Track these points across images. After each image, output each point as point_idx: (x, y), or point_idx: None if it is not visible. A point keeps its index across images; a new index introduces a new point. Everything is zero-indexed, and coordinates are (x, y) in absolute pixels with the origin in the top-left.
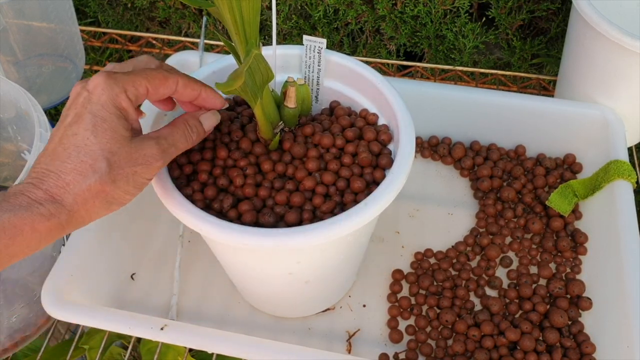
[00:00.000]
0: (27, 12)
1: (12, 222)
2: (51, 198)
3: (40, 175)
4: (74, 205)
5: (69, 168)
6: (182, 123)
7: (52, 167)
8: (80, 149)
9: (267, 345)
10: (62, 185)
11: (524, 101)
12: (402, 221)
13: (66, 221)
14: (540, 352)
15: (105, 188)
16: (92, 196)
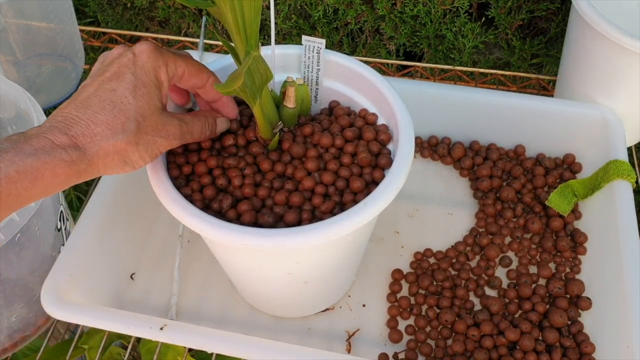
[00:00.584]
0: (26, 12)
1: (35, 166)
2: (75, 145)
3: (69, 121)
4: (95, 157)
5: (100, 120)
6: (203, 116)
7: (83, 115)
8: (115, 105)
9: (267, 345)
10: (89, 135)
11: (523, 101)
12: (401, 221)
13: (84, 170)
14: (539, 352)
15: (127, 147)
16: (114, 152)
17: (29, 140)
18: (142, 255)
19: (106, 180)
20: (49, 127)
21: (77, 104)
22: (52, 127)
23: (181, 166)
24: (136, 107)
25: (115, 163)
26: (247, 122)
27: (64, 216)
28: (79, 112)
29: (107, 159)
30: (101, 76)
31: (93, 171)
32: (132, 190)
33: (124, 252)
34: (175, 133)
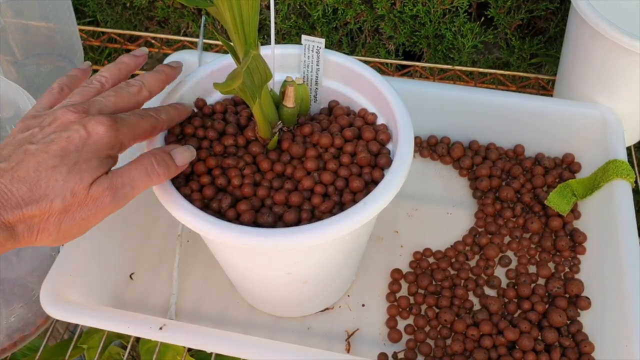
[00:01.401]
0: (25, 12)
1: None
2: (3, 224)
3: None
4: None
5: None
6: (147, 158)
7: (17, 191)
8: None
9: (266, 345)
10: (19, 215)
11: (522, 101)
12: (401, 221)
13: (12, 246)
14: (539, 352)
15: (50, 230)
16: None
17: None
18: (141, 255)
19: None
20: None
21: (13, 177)
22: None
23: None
24: (66, 185)
25: (44, 241)
26: (246, 121)
27: None
28: (13, 188)
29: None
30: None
31: (21, 245)
32: None
33: (123, 251)
34: (104, 199)
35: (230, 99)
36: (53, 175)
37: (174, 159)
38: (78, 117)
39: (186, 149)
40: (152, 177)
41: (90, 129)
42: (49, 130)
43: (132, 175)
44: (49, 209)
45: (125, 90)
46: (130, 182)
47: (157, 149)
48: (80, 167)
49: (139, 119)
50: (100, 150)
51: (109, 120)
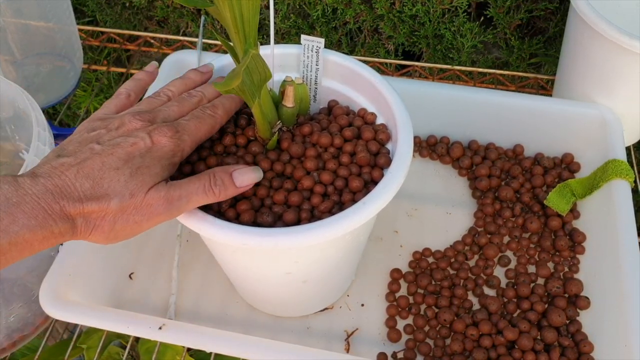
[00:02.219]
0: (25, 11)
1: (26, 239)
2: (65, 216)
3: (65, 189)
4: (80, 230)
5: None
6: (207, 175)
7: (80, 186)
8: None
9: (266, 345)
10: (79, 208)
11: (522, 101)
12: (400, 220)
13: (70, 238)
14: (538, 351)
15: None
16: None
17: (22, 205)
18: (140, 254)
19: None
20: (44, 190)
21: (78, 172)
22: (47, 191)
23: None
24: (127, 186)
25: (97, 238)
26: (245, 121)
27: None
28: (77, 182)
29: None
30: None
31: (77, 239)
32: None
33: (122, 251)
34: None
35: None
36: (116, 176)
37: (234, 180)
38: (144, 125)
39: (250, 171)
40: (208, 195)
41: (155, 139)
42: (116, 134)
43: (189, 189)
44: (107, 207)
45: (187, 100)
46: (187, 195)
47: (220, 167)
48: (142, 171)
49: (198, 124)
50: (163, 159)
51: (171, 130)
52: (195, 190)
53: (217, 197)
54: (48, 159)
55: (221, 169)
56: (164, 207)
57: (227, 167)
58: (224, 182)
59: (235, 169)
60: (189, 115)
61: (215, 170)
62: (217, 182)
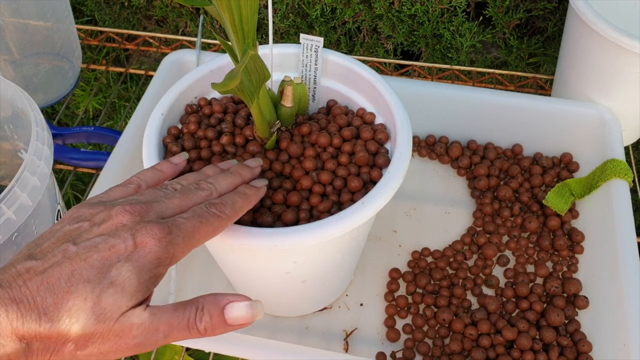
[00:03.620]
0: (23, 11)
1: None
2: (18, 338)
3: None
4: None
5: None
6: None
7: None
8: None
9: (265, 345)
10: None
11: (520, 100)
12: (399, 220)
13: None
14: (536, 351)
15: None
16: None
17: None
18: None
19: (103, 179)
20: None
21: (42, 284)
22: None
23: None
24: (94, 310)
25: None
26: (244, 121)
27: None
28: (38, 296)
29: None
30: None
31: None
32: None
33: None
34: (129, 344)
35: (229, 98)
36: (83, 292)
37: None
38: (131, 221)
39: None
40: (192, 332)
41: (138, 241)
42: (97, 231)
43: (170, 322)
44: (66, 334)
45: (193, 193)
46: (166, 329)
47: (210, 299)
48: (115, 289)
49: (198, 224)
50: (144, 270)
51: (161, 231)
52: (177, 324)
53: (203, 334)
54: (17, 260)
55: (212, 298)
56: (137, 340)
57: (220, 298)
58: (212, 317)
59: (229, 301)
60: (189, 213)
61: (205, 301)
62: (204, 318)
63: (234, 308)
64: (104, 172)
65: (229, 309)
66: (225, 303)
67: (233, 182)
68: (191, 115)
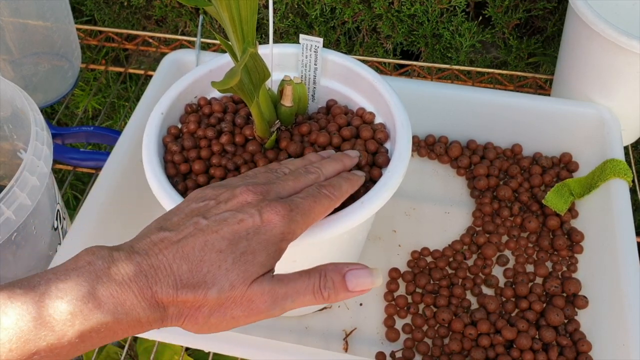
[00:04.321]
0: (22, 11)
1: (110, 327)
2: (156, 304)
3: (160, 272)
4: (169, 320)
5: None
6: (316, 273)
7: (176, 270)
8: (210, 272)
9: (264, 344)
10: (172, 297)
11: (520, 100)
12: (398, 220)
13: (158, 326)
14: (536, 351)
15: (198, 319)
16: (186, 317)
17: (110, 287)
18: None
19: (103, 179)
20: (137, 272)
21: (177, 252)
22: (140, 272)
23: (178, 165)
24: (228, 276)
25: (188, 328)
26: (244, 120)
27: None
28: (174, 264)
29: (179, 321)
30: (217, 227)
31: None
32: (129, 188)
33: None
34: (260, 308)
35: (229, 98)
36: (217, 261)
37: (346, 283)
38: (255, 199)
39: (367, 274)
40: (317, 297)
41: (265, 217)
42: (224, 207)
43: (297, 288)
44: (203, 298)
45: (303, 176)
46: (293, 295)
47: (334, 266)
48: (246, 258)
49: (313, 203)
50: (271, 243)
51: (284, 208)
52: (303, 290)
53: (326, 300)
54: (150, 231)
55: (334, 267)
56: (267, 305)
57: (341, 266)
58: (334, 284)
59: (350, 269)
60: (303, 193)
61: (327, 269)
62: (328, 284)
63: (354, 275)
64: (104, 171)
65: (349, 276)
66: (346, 271)
67: (337, 168)
68: (191, 115)
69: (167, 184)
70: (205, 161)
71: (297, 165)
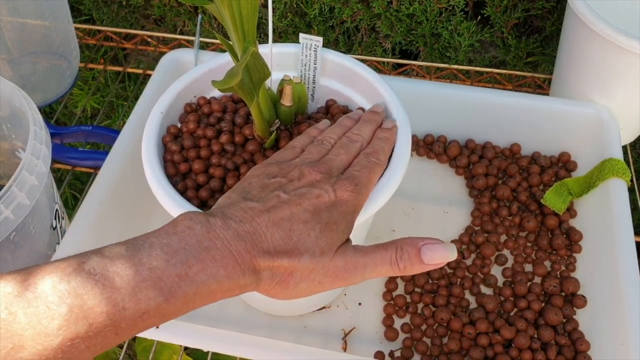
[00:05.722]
0: (21, 10)
1: (212, 289)
2: (254, 268)
3: (257, 236)
4: (264, 281)
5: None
6: (393, 245)
7: (270, 236)
8: (301, 238)
9: (263, 344)
10: (269, 261)
11: (519, 99)
12: (397, 219)
13: (251, 289)
14: (535, 350)
15: (289, 284)
16: (278, 282)
17: (212, 251)
18: None
19: (102, 179)
20: (235, 236)
21: (269, 221)
22: (238, 237)
23: (178, 164)
24: (318, 244)
25: (274, 291)
26: (243, 120)
27: (59, 215)
28: (268, 232)
29: (269, 286)
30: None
31: (258, 291)
32: (127, 188)
33: None
34: (345, 275)
35: (228, 97)
36: (305, 230)
37: (421, 256)
38: (324, 178)
39: (442, 248)
40: (393, 268)
41: (338, 193)
42: (298, 184)
43: (375, 258)
44: (296, 264)
45: (352, 147)
46: (372, 265)
47: (410, 240)
48: (330, 227)
49: (369, 174)
50: (347, 214)
51: (352, 185)
52: (381, 261)
53: (402, 271)
54: (233, 201)
55: (410, 241)
56: (350, 272)
57: (416, 240)
58: (410, 256)
59: (425, 243)
60: (358, 166)
61: (404, 242)
62: (404, 257)
63: (429, 249)
64: (102, 171)
65: (425, 250)
66: (422, 245)
67: (372, 129)
68: (190, 114)
69: (166, 184)
70: (205, 161)
71: (338, 133)
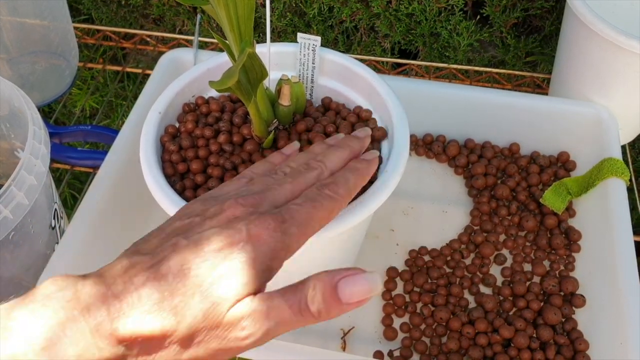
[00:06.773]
0: (20, 9)
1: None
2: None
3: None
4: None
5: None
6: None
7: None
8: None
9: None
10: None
11: (518, 99)
12: (396, 219)
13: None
14: (534, 349)
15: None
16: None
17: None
18: None
19: (101, 178)
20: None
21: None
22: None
23: (176, 164)
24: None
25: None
26: (241, 120)
27: (58, 214)
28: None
29: None
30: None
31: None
32: (126, 188)
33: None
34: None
35: (227, 97)
36: (192, 287)
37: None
38: (244, 212)
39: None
40: (305, 316)
41: (252, 232)
42: (209, 224)
43: (280, 307)
44: (171, 334)
45: (303, 176)
46: (276, 315)
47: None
48: (225, 282)
49: (312, 210)
50: (257, 262)
51: (275, 221)
52: (287, 309)
53: (317, 319)
54: (125, 255)
55: (324, 277)
56: (247, 331)
57: (332, 275)
58: (325, 298)
59: (342, 276)
60: (302, 199)
61: (317, 280)
62: (316, 299)
63: (347, 284)
64: (101, 170)
65: (341, 286)
66: (338, 279)
67: (342, 157)
68: (188, 114)
69: (164, 184)
70: (203, 160)
71: (300, 161)
